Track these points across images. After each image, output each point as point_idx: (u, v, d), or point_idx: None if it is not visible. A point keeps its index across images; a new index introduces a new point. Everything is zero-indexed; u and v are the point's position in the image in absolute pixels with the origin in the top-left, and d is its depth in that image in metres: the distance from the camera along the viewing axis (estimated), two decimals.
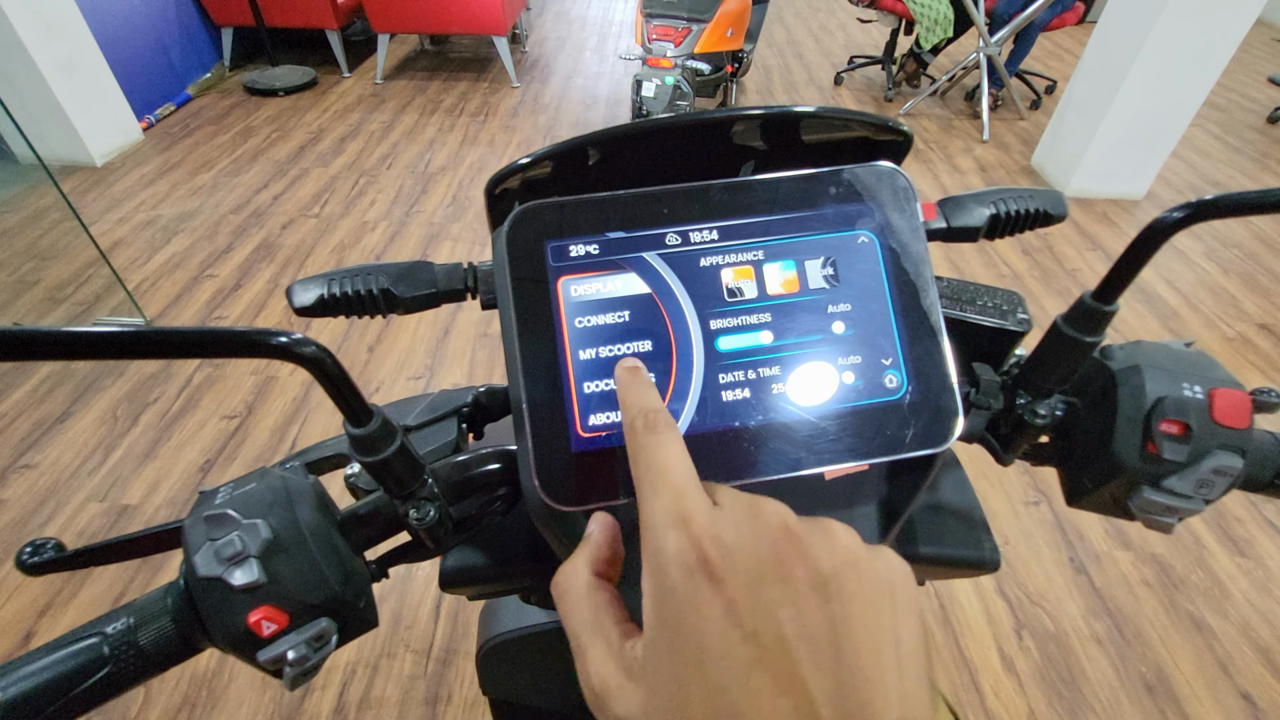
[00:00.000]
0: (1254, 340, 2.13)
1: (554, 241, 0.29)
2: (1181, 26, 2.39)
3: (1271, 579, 1.47)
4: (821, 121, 0.35)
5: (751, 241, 0.30)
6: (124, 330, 0.20)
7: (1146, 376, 0.32)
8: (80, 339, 0.20)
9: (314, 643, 0.26)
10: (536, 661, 0.63)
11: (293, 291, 0.32)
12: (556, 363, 0.28)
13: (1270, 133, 3.52)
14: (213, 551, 0.25)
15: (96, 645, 0.25)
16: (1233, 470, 0.31)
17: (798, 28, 4.95)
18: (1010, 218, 0.36)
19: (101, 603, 1.37)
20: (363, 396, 0.26)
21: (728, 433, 0.28)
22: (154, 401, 1.82)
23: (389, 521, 0.31)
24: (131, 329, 0.20)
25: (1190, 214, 0.27)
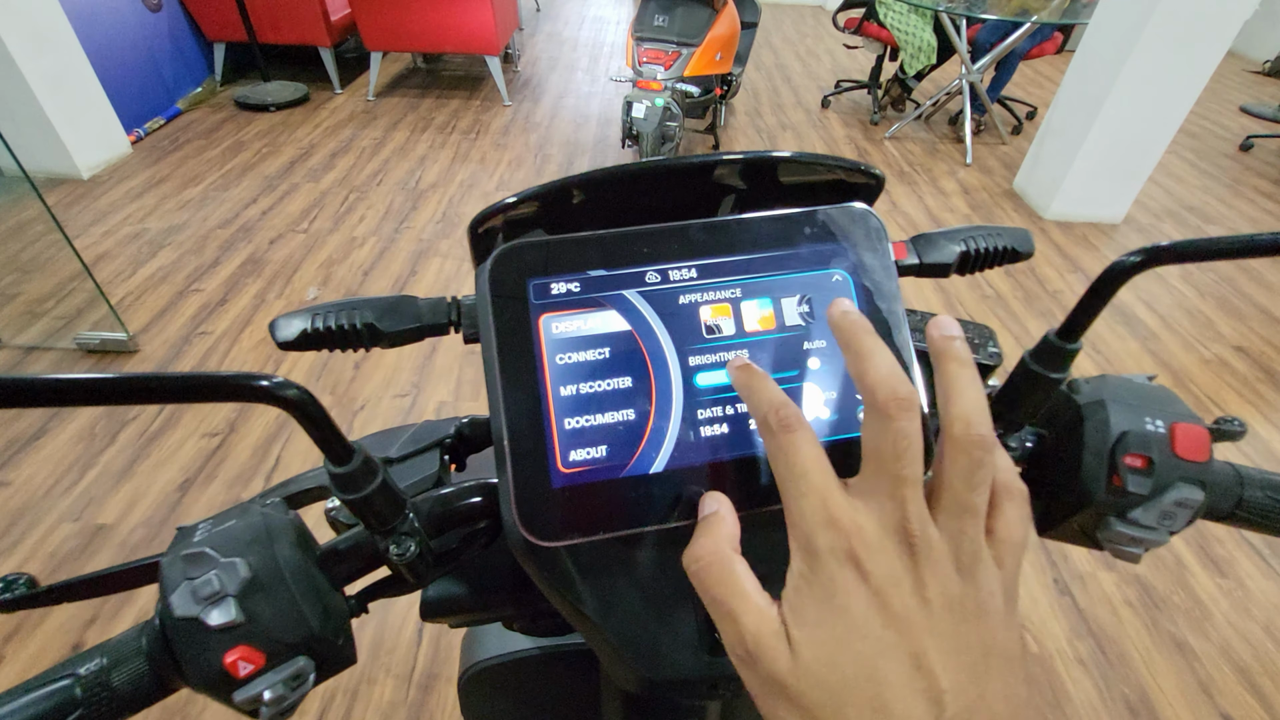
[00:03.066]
0: (1230, 362, 2.18)
1: (536, 279, 0.30)
2: (1156, 57, 2.46)
3: (1251, 599, 1.48)
4: (798, 165, 0.36)
5: (729, 280, 0.31)
6: (104, 376, 0.20)
7: (1111, 411, 0.33)
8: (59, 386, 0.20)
9: (291, 682, 0.26)
10: (519, 688, 0.63)
11: (276, 326, 0.32)
12: (538, 398, 0.29)
13: (1242, 160, 3.62)
14: (190, 591, 0.25)
15: (68, 687, 0.25)
16: (1194, 502, 0.32)
17: (785, 52, 5.05)
18: (980, 254, 0.37)
19: (72, 626, 1.34)
20: (343, 436, 0.26)
21: (707, 467, 0.29)
22: (133, 419, 1.79)
23: (369, 557, 0.31)
24: (112, 375, 0.21)
25: (1146, 259, 0.29)
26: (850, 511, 0.22)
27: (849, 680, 0.20)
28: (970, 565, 0.22)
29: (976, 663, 0.21)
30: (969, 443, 0.22)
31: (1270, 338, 2.30)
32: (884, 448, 0.22)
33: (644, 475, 0.29)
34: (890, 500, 0.22)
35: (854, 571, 0.21)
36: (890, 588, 0.21)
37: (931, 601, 0.21)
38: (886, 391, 0.22)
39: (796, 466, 0.23)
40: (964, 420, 0.22)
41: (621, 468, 0.28)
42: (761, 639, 0.22)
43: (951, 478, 0.22)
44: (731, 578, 0.23)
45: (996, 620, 0.21)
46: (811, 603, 0.22)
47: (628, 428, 0.29)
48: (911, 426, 0.22)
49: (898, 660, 0.20)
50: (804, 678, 0.21)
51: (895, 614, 0.21)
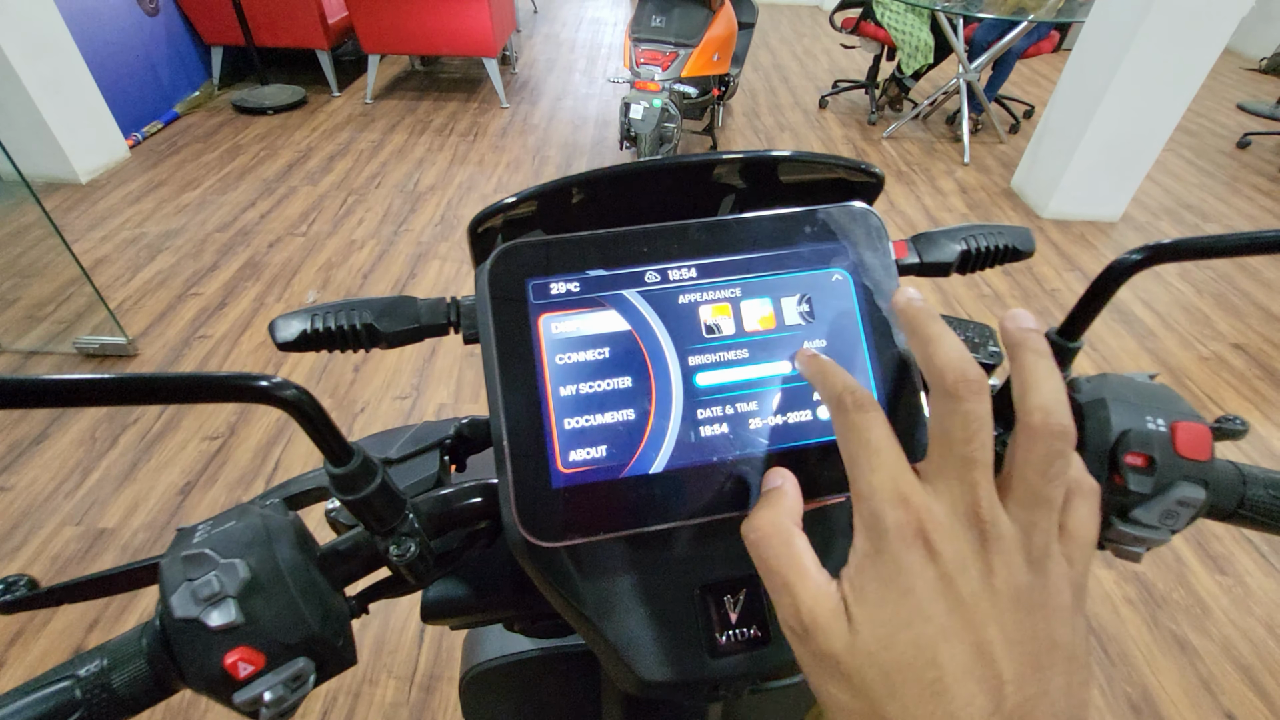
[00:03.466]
0: (1228, 360, 2.18)
1: (535, 279, 0.30)
2: (1153, 55, 2.47)
3: (1251, 596, 1.48)
4: (798, 164, 0.36)
5: (729, 279, 0.31)
6: (104, 377, 0.20)
7: (1112, 410, 0.33)
8: (59, 387, 0.20)
9: (291, 683, 0.26)
10: (520, 689, 0.63)
11: (275, 327, 0.32)
12: (537, 399, 0.29)
13: (1239, 157, 3.63)
14: (190, 592, 0.25)
15: (68, 688, 0.25)
16: (1196, 501, 0.31)
17: (783, 52, 5.05)
18: (981, 253, 0.37)
19: (74, 629, 1.34)
20: (342, 436, 0.26)
21: (707, 467, 0.29)
22: (134, 422, 1.79)
23: (369, 558, 0.30)
24: (112, 376, 0.21)
25: (1147, 257, 0.29)
26: (921, 492, 0.22)
27: (907, 662, 0.20)
28: (1041, 558, 0.21)
29: (1040, 656, 0.20)
30: (1048, 432, 0.21)
31: (1269, 335, 2.30)
32: (954, 429, 0.21)
33: (644, 475, 0.29)
34: (960, 483, 0.21)
35: (922, 552, 0.21)
36: (958, 572, 0.20)
37: (999, 590, 0.20)
38: (956, 373, 0.22)
39: (871, 442, 0.22)
40: (1043, 409, 0.21)
41: (621, 468, 0.28)
42: (819, 614, 0.21)
43: (1026, 467, 0.21)
44: (791, 550, 0.23)
45: (1063, 616, 0.21)
46: (875, 581, 0.21)
47: (627, 428, 0.29)
48: (982, 408, 0.21)
49: (960, 646, 0.20)
50: (860, 656, 0.21)
51: (961, 599, 0.20)
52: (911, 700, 0.19)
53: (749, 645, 0.31)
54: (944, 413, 0.22)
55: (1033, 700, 0.19)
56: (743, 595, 0.32)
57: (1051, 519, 0.21)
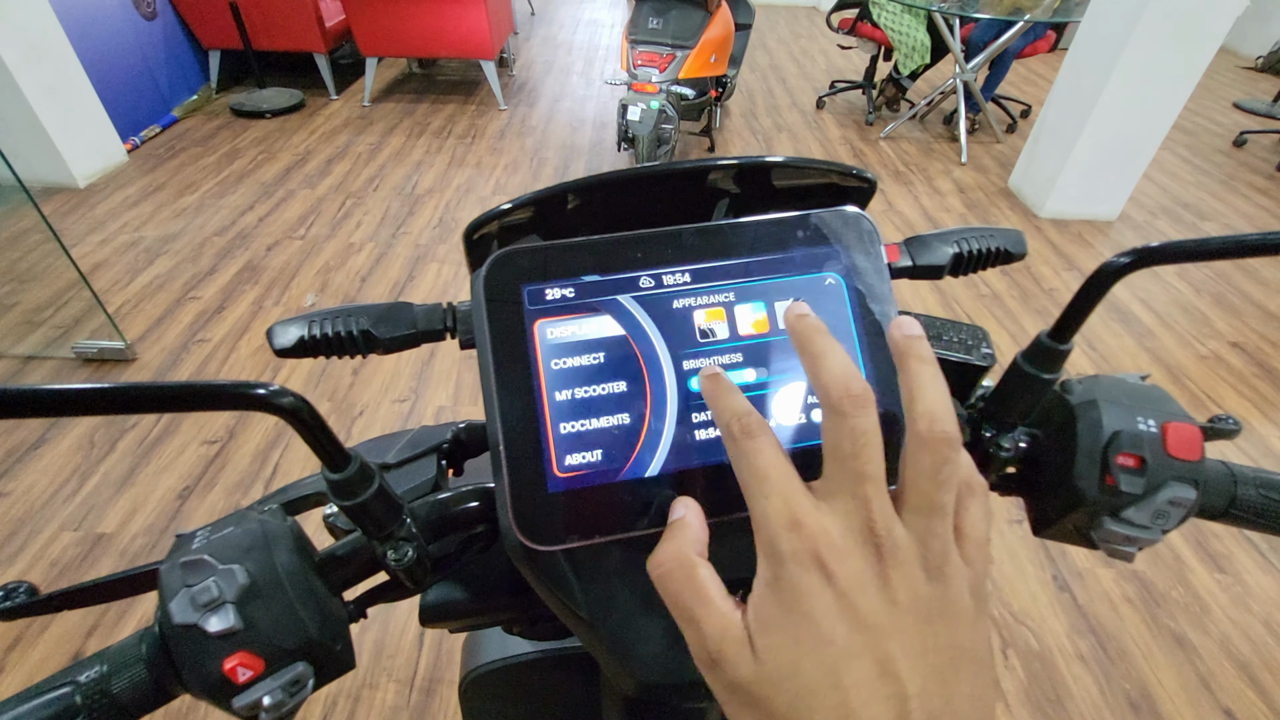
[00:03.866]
0: (1227, 358, 2.18)
1: (530, 285, 0.30)
2: (1149, 54, 2.48)
3: (1250, 594, 1.49)
4: (791, 169, 0.36)
5: (723, 284, 0.31)
6: (101, 387, 0.21)
7: (1103, 411, 0.33)
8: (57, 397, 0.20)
9: (290, 687, 0.26)
10: (520, 692, 0.63)
11: (273, 333, 0.33)
12: (533, 404, 0.29)
13: (1236, 155, 3.64)
14: (189, 598, 0.25)
15: (68, 695, 0.25)
16: (1186, 501, 0.32)
17: (780, 53, 5.06)
18: (973, 256, 0.37)
19: (73, 635, 1.34)
20: (339, 442, 0.26)
21: (701, 471, 0.29)
22: (132, 427, 1.79)
23: (367, 562, 0.31)
24: (111, 385, 0.21)
25: (1136, 259, 0.29)
26: (815, 514, 0.21)
27: (813, 687, 0.20)
28: (939, 565, 0.21)
29: (944, 665, 0.20)
30: (934, 440, 0.21)
31: (1266, 334, 2.31)
32: (842, 445, 0.22)
33: (639, 479, 0.29)
34: (853, 499, 0.21)
35: (819, 575, 0.21)
36: (856, 591, 0.20)
37: (899, 603, 0.20)
38: (839, 389, 0.22)
39: (759, 470, 0.22)
40: (928, 417, 0.22)
41: (617, 472, 0.29)
42: (724, 645, 0.21)
43: (917, 476, 0.22)
44: (694, 583, 0.23)
45: (965, 621, 0.21)
46: (776, 608, 0.21)
47: (623, 432, 0.29)
48: (867, 422, 0.21)
49: (863, 665, 0.20)
50: (768, 684, 0.21)
51: (861, 618, 0.20)
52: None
53: None
54: (832, 428, 0.22)
55: (939, 711, 0.19)
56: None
57: (946, 525, 0.22)
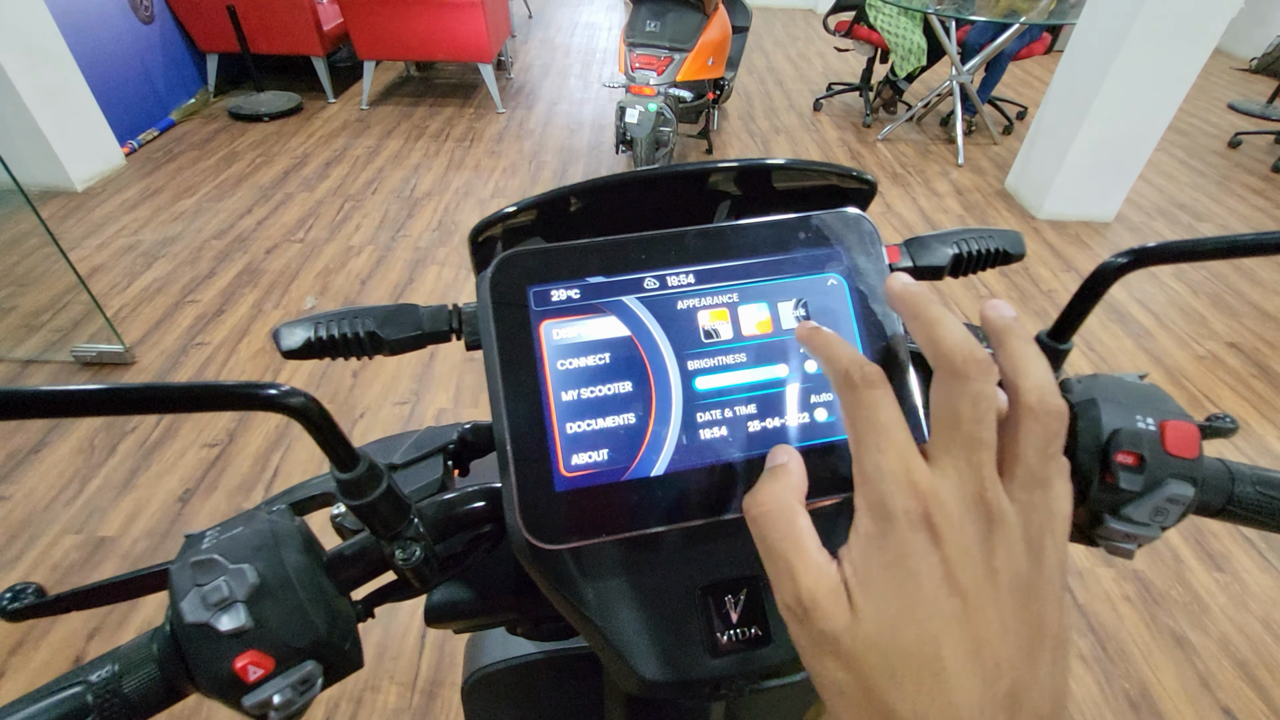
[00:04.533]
0: (1224, 358, 2.19)
1: (536, 286, 0.30)
2: (1144, 55, 2.49)
3: (1249, 593, 1.49)
4: (792, 172, 0.36)
5: (726, 285, 0.31)
6: (112, 387, 0.21)
7: (1102, 409, 0.34)
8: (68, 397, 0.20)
9: (299, 686, 0.26)
10: (523, 693, 0.63)
11: (280, 334, 0.33)
12: (539, 404, 0.29)
13: (1231, 156, 3.65)
14: (200, 597, 0.25)
15: (80, 694, 0.25)
16: (1185, 498, 0.32)
17: (777, 55, 5.08)
18: (972, 257, 0.38)
19: (77, 637, 1.33)
20: (349, 442, 0.26)
21: (707, 470, 0.29)
22: (132, 430, 1.79)
23: (375, 562, 0.31)
24: (120, 386, 0.21)
25: (1134, 260, 0.29)
26: (928, 476, 0.21)
27: (910, 649, 0.20)
28: (1038, 543, 0.21)
29: (1033, 643, 0.21)
30: (1045, 413, 0.21)
31: (1263, 333, 2.32)
32: (962, 409, 0.21)
33: (645, 478, 0.29)
34: (968, 465, 0.21)
35: (927, 537, 0.21)
36: (962, 558, 0.20)
37: (999, 575, 0.21)
38: (965, 354, 0.21)
39: (880, 422, 0.22)
40: (1038, 391, 0.22)
41: (623, 471, 0.29)
42: (819, 595, 0.21)
43: (1026, 449, 0.21)
44: (793, 530, 0.23)
45: (1054, 600, 0.21)
46: (879, 566, 0.21)
47: (628, 432, 0.29)
48: (990, 389, 0.21)
49: (961, 633, 0.20)
50: (861, 639, 0.21)
51: (963, 587, 0.20)
52: (912, 687, 0.20)
53: (749, 644, 0.32)
54: (952, 393, 0.22)
55: (1024, 686, 0.20)
56: (743, 595, 0.32)
57: (1047, 500, 0.22)
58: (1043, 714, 0.20)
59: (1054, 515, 0.22)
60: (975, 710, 0.19)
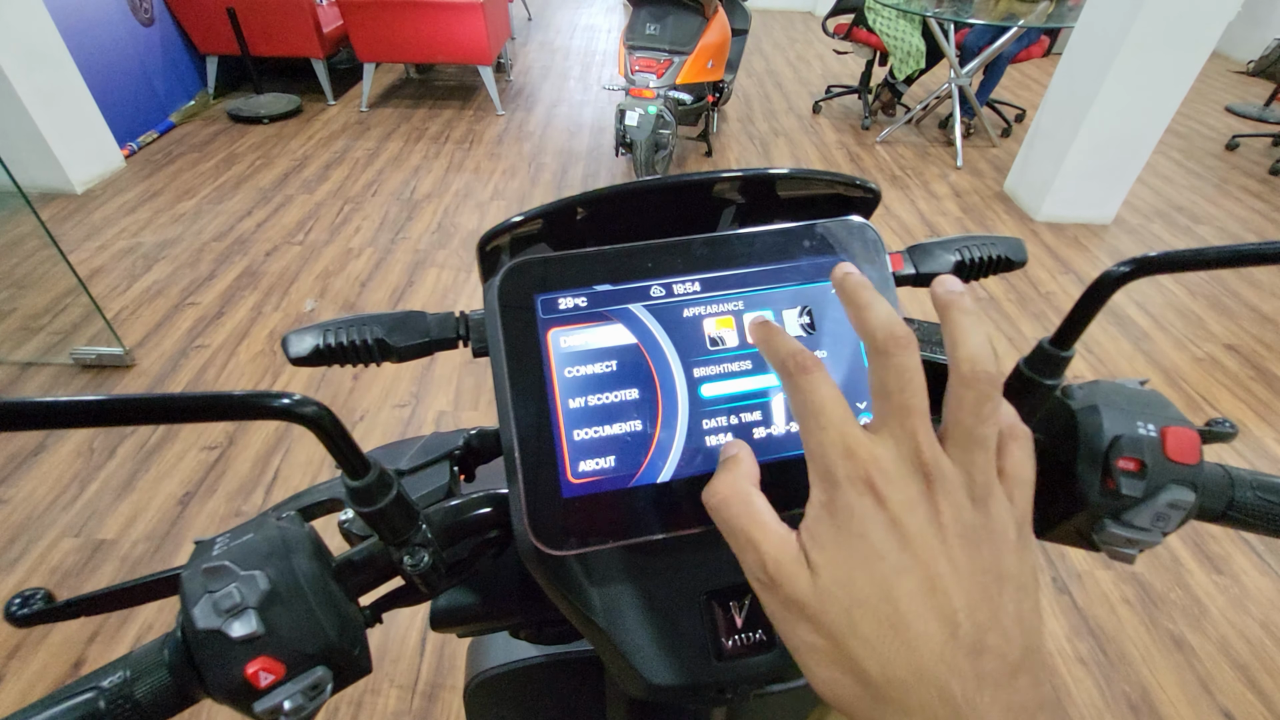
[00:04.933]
0: (1222, 360, 2.20)
1: (543, 295, 0.30)
2: (1142, 59, 2.50)
3: (1248, 596, 1.50)
4: (796, 181, 0.37)
5: (732, 292, 0.31)
6: (123, 398, 0.21)
7: (1104, 415, 0.34)
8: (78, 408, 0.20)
9: (310, 691, 0.26)
10: (525, 696, 0.63)
11: (288, 342, 0.33)
12: (547, 411, 0.29)
13: (1229, 159, 3.67)
14: (211, 604, 0.26)
15: (92, 700, 0.25)
16: (1186, 503, 0.32)
17: (776, 58, 5.09)
18: (975, 264, 0.38)
19: (75, 642, 1.33)
20: (360, 450, 0.27)
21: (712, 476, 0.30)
22: (132, 433, 1.79)
23: (383, 568, 0.31)
24: (133, 396, 0.21)
25: (1135, 269, 0.30)
26: (867, 443, 0.23)
27: (865, 598, 0.21)
28: (983, 495, 0.22)
29: (990, 585, 0.21)
30: (975, 378, 0.23)
31: (1261, 336, 2.32)
32: (889, 382, 0.23)
33: (651, 485, 0.29)
34: (901, 430, 0.23)
35: (871, 498, 0.22)
36: (906, 513, 0.22)
37: (946, 527, 0.22)
38: (885, 332, 0.23)
39: (815, 403, 0.24)
40: (970, 359, 0.23)
41: (629, 478, 0.29)
42: (782, 564, 0.23)
43: (960, 413, 0.23)
44: (750, 509, 0.24)
45: (1009, 547, 0.22)
46: (830, 528, 0.23)
47: (635, 438, 0.29)
48: (911, 361, 0.23)
49: (913, 581, 0.21)
50: (823, 597, 0.22)
51: (910, 538, 0.21)
52: (871, 633, 0.21)
53: (753, 649, 0.32)
54: (879, 369, 0.23)
55: (985, 627, 0.21)
56: (747, 601, 0.33)
57: (989, 458, 0.23)
58: (1009, 657, 0.21)
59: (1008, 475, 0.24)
60: (936, 653, 0.20)
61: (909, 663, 0.20)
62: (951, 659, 0.20)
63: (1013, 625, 0.21)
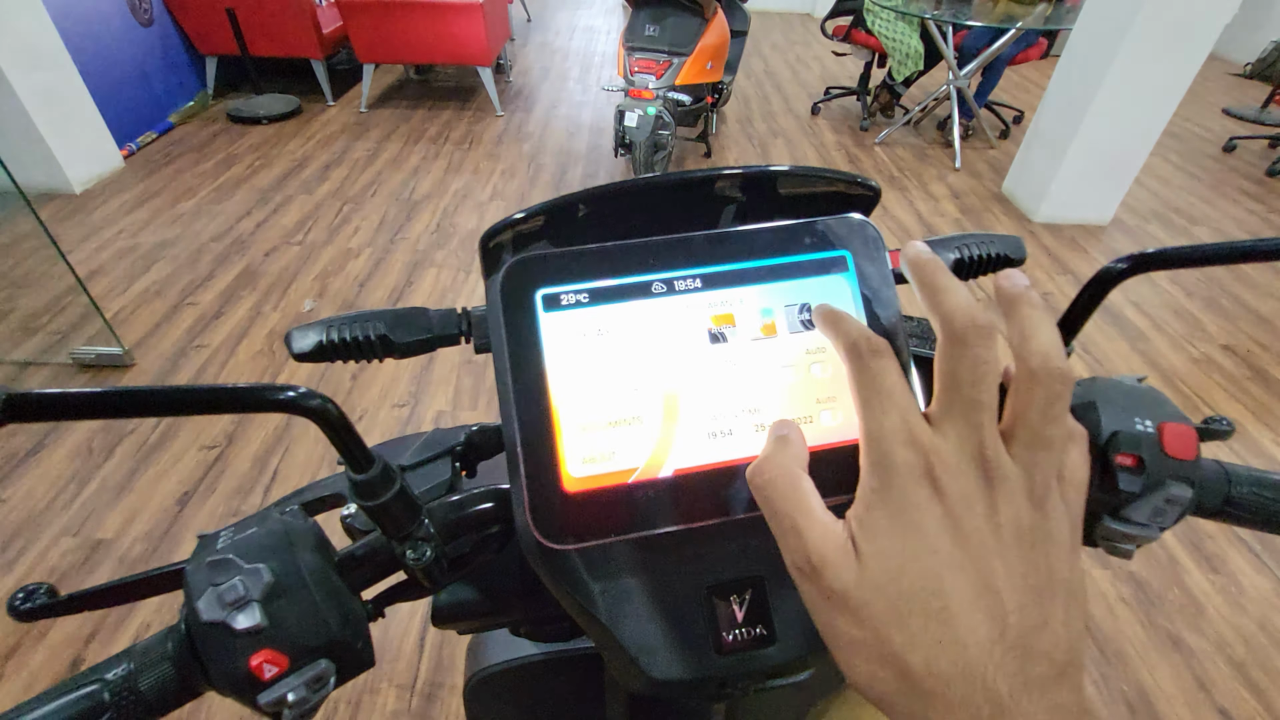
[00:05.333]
0: (1218, 360, 2.21)
1: (545, 290, 0.31)
2: (1140, 61, 2.51)
3: (1244, 595, 1.50)
4: (797, 178, 0.37)
5: (732, 288, 0.32)
6: (130, 390, 0.21)
7: (1102, 412, 0.34)
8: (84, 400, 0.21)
9: (313, 684, 0.27)
10: (525, 694, 0.63)
11: (292, 338, 0.33)
12: (549, 406, 0.29)
13: (1225, 161, 3.68)
14: (215, 596, 0.26)
15: (97, 692, 0.25)
16: (1183, 499, 0.33)
17: (775, 60, 5.10)
18: (974, 262, 0.38)
19: (75, 640, 1.33)
20: (364, 444, 0.27)
21: (714, 471, 0.30)
22: (131, 432, 1.79)
23: (386, 562, 0.31)
24: (139, 389, 0.21)
25: (1133, 265, 0.30)
26: (929, 433, 0.22)
27: (914, 592, 0.21)
28: (1042, 497, 0.22)
29: (1042, 589, 0.21)
30: (1048, 375, 0.22)
31: (1257, 336, 2.33)
32: (962, 373, 0.22)
33: (653, 480, 0.29)
34: (967, 425, 0.22)
35: (929, 489, 0.22)
36: (963, 509, 0.21)
37: (1003, 526, 0.21)
38: (965, 319, 0.22)
39: (884, 386, 0.23)
40: (1042, 354, 0.22)
41: (631, 472, 0.29)
42: (827, 552, 0.22)
43: (1029, 411, 0.22)
44: (798, 493, 0.24)
45: (1063, 552, 0.22)
46: (883, 517, 0.22)
47: (637, 434, 0.30)
48: (989, 354, 0.22)
49: (965, 578, 0.21)
50: (868, 588, 0.21)
51: (966, 534, 0.21)
52: (918, 628, 0.20)
53: (755, 644, 0.32)
54: (952, 357, 0.22)
55: (1034, 629, 0.20)
56: (748, 595, 0.33)
57: (1052, 460, 0.22)
58: (1057, 660, 0.20)
59: (1062, 476, 0.23)
60: (984, 651, 0.20)
61: (956, 658, 0.20)
62: (1000, 658, 0.20)
63: (1061, 630, 0.21)
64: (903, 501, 0.22)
